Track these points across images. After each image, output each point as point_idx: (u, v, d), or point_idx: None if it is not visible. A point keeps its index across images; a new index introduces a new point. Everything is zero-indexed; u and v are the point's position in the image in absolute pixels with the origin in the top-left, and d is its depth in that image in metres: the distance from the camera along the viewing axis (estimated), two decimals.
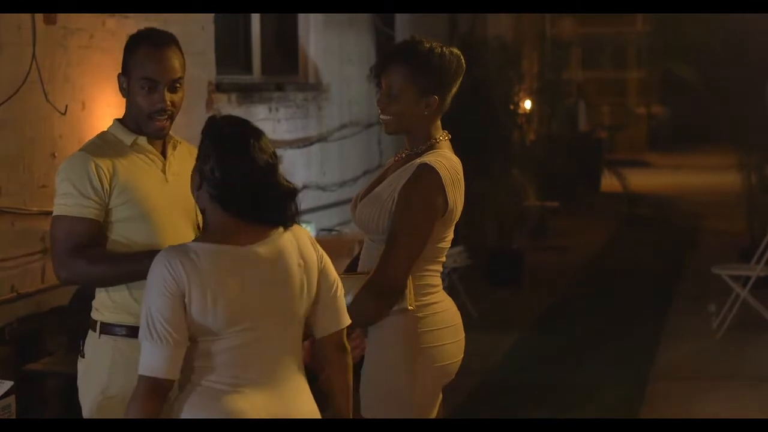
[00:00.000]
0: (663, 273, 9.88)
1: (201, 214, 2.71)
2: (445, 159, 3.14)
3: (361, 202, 3.24)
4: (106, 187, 2.99)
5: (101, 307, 3.07)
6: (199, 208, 2.69)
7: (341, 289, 2.79)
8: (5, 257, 4.55)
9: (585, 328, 7.58)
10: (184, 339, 2.52)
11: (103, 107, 5.01)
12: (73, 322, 4.03)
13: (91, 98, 5.00)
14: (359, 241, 4.28)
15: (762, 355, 6.87)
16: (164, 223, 3.04)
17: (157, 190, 3.07)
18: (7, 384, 3.62)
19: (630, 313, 8.13)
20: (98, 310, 3.07)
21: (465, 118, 7.58)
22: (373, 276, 3.09)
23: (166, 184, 3.10)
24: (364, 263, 3.24)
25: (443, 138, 3.23)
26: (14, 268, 4.60)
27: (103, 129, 3.17)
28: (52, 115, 4.77)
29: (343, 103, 8.16)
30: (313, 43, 7.81)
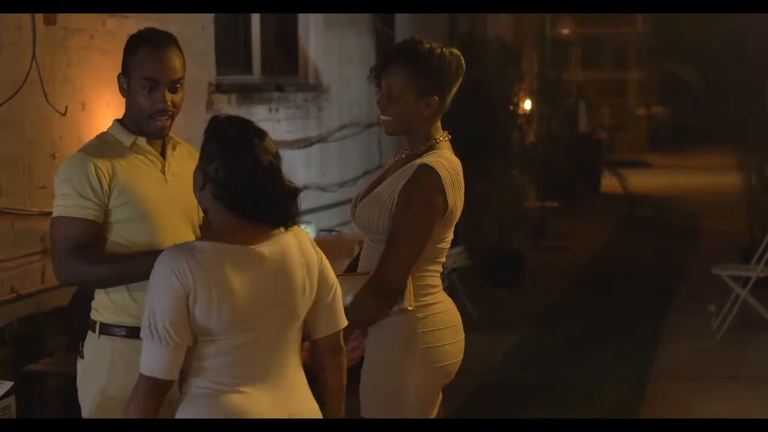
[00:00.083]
0: (663, 273, 9.88)
1: (204, 214, 2.71)
2: (445, 159, 3.14)
3: (361, 203, 3.24)
4: (106, 189, 2.99)
5: (101, 307, 3.06)
6: (201, 208, 2.70)
7: (339, 292, 2.80)
8: (5, 258, 4.55)
9: (585, 329, 7.58)
10: (186, 340, 2.52)
11: (103, 108, 5.02)
12: (73, 323, 4.03)
13: (91, 99, 5.00)
14: (359, 242, 4.28)
15: (762, 356, 6.87)
16: (163, 224, 3.04)
17: (156, 190, 3.07)
18: (7, 384, 3.63)
19: (630, 314, 8.13)
20: (97, 310, 3.07)
21: (465, 118, 7.58)
22: (373, 276, 3.09)
23: (166, 184, 3.10)
24: (364, 264, 3.24)
25: (443, 138, 3.23)
26: (14, 269, 4.60)
27: (102, 130, 3.17)
28: (52, 116, 4.78)
29: (343, 104, 8.16)
30: (313, 44, 7.81)
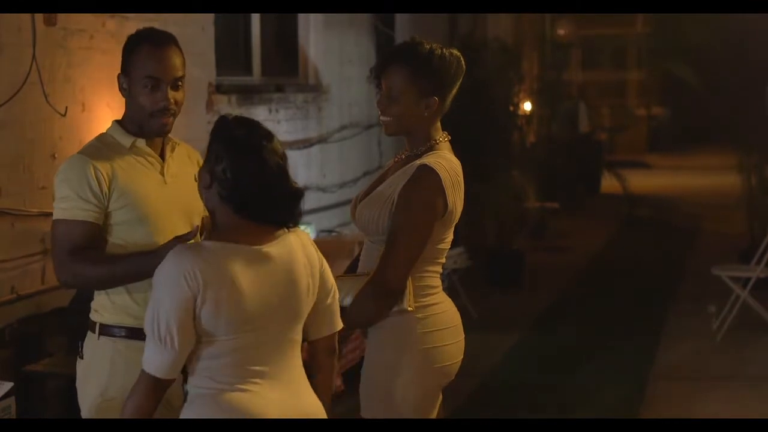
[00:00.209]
0: (663, 274, 9.87)
1: (209, 214, 2.71)
2: (445, 160, 3.14)
3: (361, 204, 3.24)
4: (105, 191, 2.99)
5: (100, 308, 3.06)
6: (207, 208, 2.69)
7: (337, 294, 2.81)
8: (5, 258, 4.55)
9: (585, 329, 7.57)
10: (190, 342, 2.52)
11: (103, 108, 5.02)
12: (73, 324, 4.03)
13: (91, 99, 5.00)
14: (359, 243, 4.28)
15: (762, 356, 6.86)
16: (163, 226, 3.04)
17: (155, 192, 3.07)
18: (7, 385, 3.63)
19: (630, 314, 8.12)
20: (97, 311, 3.07)
21: (465, 119, 7.59)
22: (373, 277, 3.10)
23: (165, 186, 3.10)
24: (364, 264, 3.24)
25: (443, 139, 3.23)
26: (14, 269, 4.60)
27: (102, 130, 3.17)
28: (52, 117, 4.78)
29: (343, 105, 8.16)
30: (313, 44, 7.81)
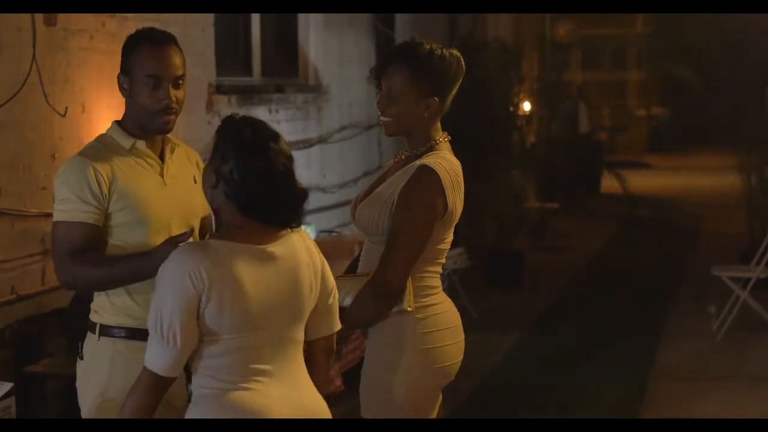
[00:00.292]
0: (663, 274, 9.87)
1: (213, 213, 2.70)
2: (445, 161, 3.14)
3: (361, 204, 3.24)
4: (105, 192, 2.99)
5: (100, 309, 3.06)
6: (211, 207, 2.69)
7: (336, 294, 2.81)
8: (5, 259, 4.55)
9: (585, 329, 7.57)
10: (193, 340, 2.52)
11: (103, 109, 5.02)
12: (73, 324, 4.03)
13: (91, 100, 5.00)
14: (359, 243, 4.28)
15: (762, 356, 6.87)
16: (162, 227, 3.04)
17: (155, 193, 3.07)
18: (7, 385, 3.63)
19: (630, 314, 8.12)
20: (97, 312, 3.07)
21: (465, 119, 7.59)
22: (373, 277, 3.10)
23: (165, 187, 3.10)
24: (364, 265, 3.24)
25: (443, 140, 3.23)
26: (14, 270, 4.60)
27: (102, 131, 3.17)
28: (52, 117, 4.78)
29: (343, 105, 8.16)
30: (313, 45, 7.81)
